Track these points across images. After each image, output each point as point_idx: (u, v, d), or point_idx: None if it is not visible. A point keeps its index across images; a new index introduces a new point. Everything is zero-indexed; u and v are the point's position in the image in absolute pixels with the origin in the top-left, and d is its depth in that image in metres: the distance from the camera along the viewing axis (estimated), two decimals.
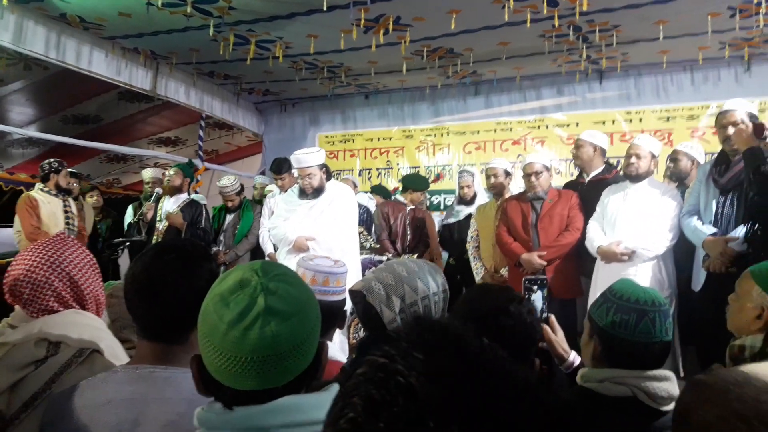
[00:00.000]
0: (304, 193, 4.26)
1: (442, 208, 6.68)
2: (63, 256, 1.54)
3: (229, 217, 5.82)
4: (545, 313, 1.90)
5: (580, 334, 1.64)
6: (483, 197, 5.18)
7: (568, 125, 6.43)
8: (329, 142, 7.45)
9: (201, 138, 6.97)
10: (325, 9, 4.12)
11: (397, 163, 7.13)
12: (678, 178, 4.31)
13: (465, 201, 5.23)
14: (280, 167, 5.40)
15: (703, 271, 3.35)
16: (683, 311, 3.70)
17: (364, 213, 5.80)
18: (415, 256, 4.82)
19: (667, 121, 6.07)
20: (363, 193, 6.26)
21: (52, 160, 5.30)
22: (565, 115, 6.46)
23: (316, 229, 4.15)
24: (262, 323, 0.89)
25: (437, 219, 5.86)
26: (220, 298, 0.92)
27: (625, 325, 1.46)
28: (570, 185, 4.62)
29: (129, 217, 5.85)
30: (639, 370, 1.43)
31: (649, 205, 3.79)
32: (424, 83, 6.60)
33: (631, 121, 6.20)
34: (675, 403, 0.95)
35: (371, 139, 7.28)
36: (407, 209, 5.33)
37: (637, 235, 3.76)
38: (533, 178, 4.17)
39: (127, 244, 5.05)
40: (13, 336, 1.43)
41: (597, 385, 1.44)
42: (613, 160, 5.41)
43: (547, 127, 6.54)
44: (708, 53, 5.43)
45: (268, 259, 5.31)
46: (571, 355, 1.81)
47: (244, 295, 0.91)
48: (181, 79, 6.14)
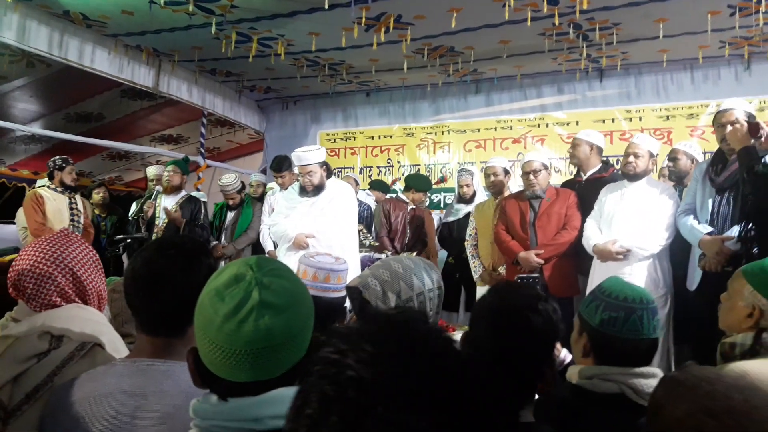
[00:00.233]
0: (304, 191, 4.29)
1: (442, 206, 6.70)
2: (66, 252, 1.56)
3: (230, 215, 5.85)
4: None
5: None
6: (482, 196, 5.20)
7: (568, 123, 6.44)
8: (330, 140, 7.47)
9: (203, 135, 7.00)
10: (326, 7, 4.14)
11: (397, 161, 7.15)
12: (677, 177, 4.32)
13: (464, 200, 5.24)
14: (280, 165, 5.42)
15: (699, 270, 3.35)
16: (679, 310, 3.72)
17: (366, 210, 5.83)
18: (414, 254, 4.84)
19: (667, 119, 6.08)
20: (361, 190, 6.29)
21: (57, 158, 5.33)
22: (565, 114, 6.47)
23: (316, 227, 4.18)
24: (256, 316, 0.91)
25: (437, 217, 5.89)
26: (216, 292, 0.95)
27: (613, 322, 1.48)
28: (567, 184, 4.65)
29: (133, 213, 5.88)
30: (627, 367, 1.45)
31: (645, 204, 3.80)
32: (425, 81, 6.62)
33: (630, 119, 6.21)
34: (649, 399, 0.98)
35: (372, 137, 7.30)
36: (408, 208, 5.36)
37: (633, 233, 3.77)
38: (532, 177, 4.18)
39: (128, 240, 5.07)
40: (17, 329, 1.46)
41: (585, 381, 1.47)
42: (613, 159, 5.43)
43: (547, 126, 6.55)
44: (708, 52, 5.44)
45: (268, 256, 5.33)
46: (563, 353, 1.83)
47: (239, 289, 0.93)
48: (184, 76, 6.16)
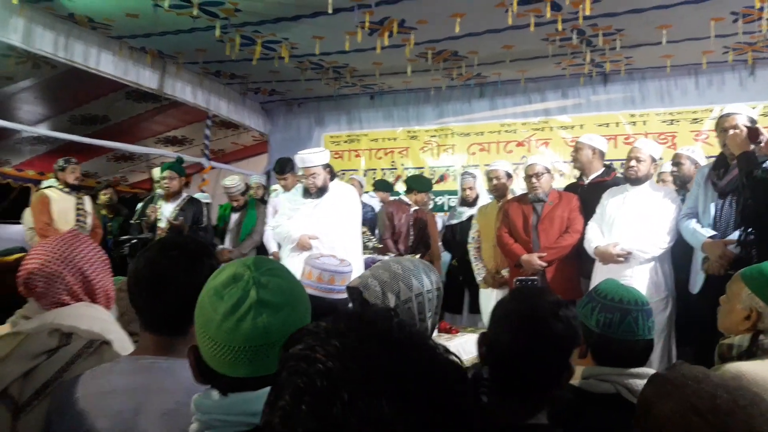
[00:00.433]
0: (308, 193, 4.32)
1: (446, 209, 6.71)
2: (75, 252, 1.60)
3: (234, 216, 5.87)
4: None
5: None
6: (485, 199, 5.21)
7: (572, 127, 6.45)
8: (334, 143, 7.49)
9: (207, 137, 7.04)
10: (330, 11, 4.18)
11: (401, 164, 7.17)
12: (681, 182, 4.33)
13: (467, 202, 5.26)
14: (283, 167, 5.46)
15: (702, 274, 3.36)
16: (681, 313, 3.73)
17: (369, 212, 5.84)
18: (417, 256, 4.86)
19: (671, 124, 6.09)
20: (365, 193, 6.31)
21: (60, 159, 5.39)
22: (569, 118, 6.49)
23: (320, 228, 4.20)
24: (254, 314, 0.94)
25: (441, 220, 5.90)
26: (215, 292, 0.97)
27: (609, 323, 1.51)
28: (570, 188, 4.67)
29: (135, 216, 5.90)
30: (622, 368, 1.48)
31: (647, 207, 3.82)
32: (429, 85, 6.64)
33: (635, 123, 6.22)
34: (638, 397, 1.00)
35: (376, 140, 7.32)
36: (411, 210, 5.38)
37: (634, 237, 3.79)
38: (534, 180, 4.21)
39: (134, 241, 5.10)
40: (27, 326, 1.49)
41: (582, 382, 1.49)
42: (617, 163, 5.43)
43: (551, 129, 6.56)
44: (712, 57, 5.45)
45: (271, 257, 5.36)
46: None
47: (238, 288, 0.96)
48: (188, 78, 6.20)
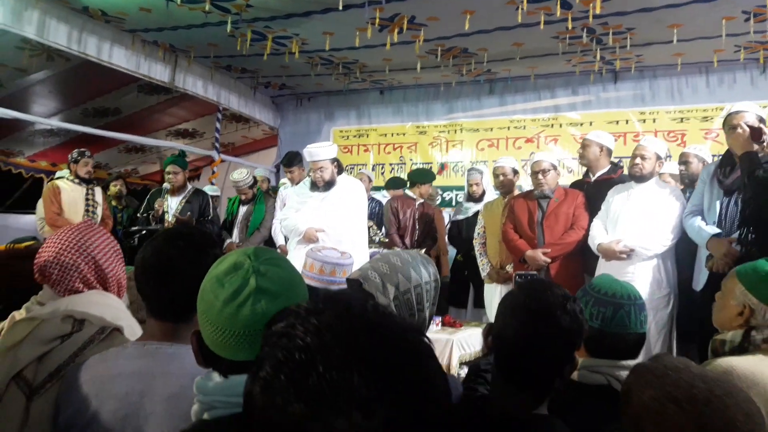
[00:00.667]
0: (315, 186, 4.36)
1: (453, 204, 6.73)
2: (89, 241, 1.65)
3: (242, 209, 5.91)
4: None
5: None
6: (492, 194, 5.23)
7: (581, 124, 6.45)
8: (344, 137, 7.53)
9: (218, 130, 7.10)
10: (340, 8, 4.21)
11: (410, 159, 7.18)
12: (690, 180, 4.33)
13: (474, 198, 5.29)
14: (290, 161, 5.54)
15: (705, 271, 3.37)
16: (684, 310, 3.74)
17: (377, 207, 5.88)
18: (422, 251, 4.89)
19: (681, 122, 6.07)
20: (375, 190, 6.36)
21: (74, 151, 5.47)
22: (579, 114, 6.49)
23: (326, 221, 4.24)
24: (253, 301, 0.98)
25: (447, 215, 5.93)
26: (216, 279, 1.02)
27: (602, 317, 1.55)
28: (576, 184, 4.68)
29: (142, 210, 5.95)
30: (614, 360, 1.51)
31: (651, 205, 3.83)
32: (439, 80, 6.66)
33: (644, 121, 6.21)
34: (622, 386, 1.03)
35: (385, 135, 7.35)
36: (416, 204, 5.42)
37: (638, 234, 3.81)
38: (540, 177, 4.22)
39: (144, 232, 5.18)
40: (42, 312, 1.54)
41: (576, 373, 1.52)
42: (626, 160, 5.43)
43: (560, 126, 6.57)
44: (723, 56, 5.43)
45: (278, 251, 5.41)
46: None
47: (238, 276, 1.00)
48: (199, 72, 6.26)
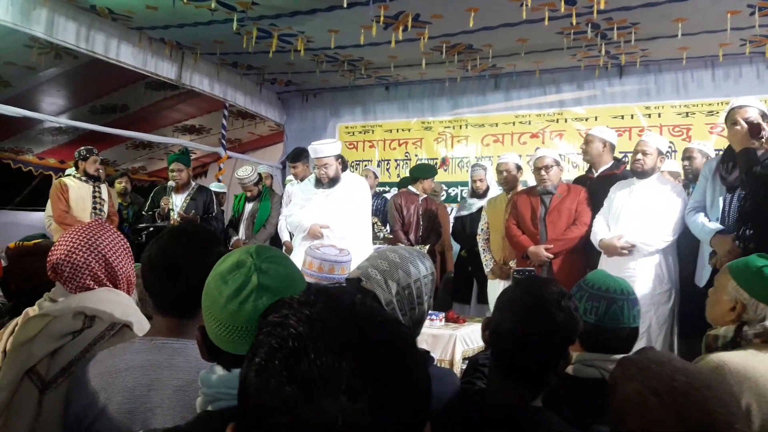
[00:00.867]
0: (320, 183, 4.40)
1: (458, 200, 6.76)
2: (100, 240, 1.71)
3: (248, 206, 5.95)
4: None
5: None
6: (496, 190, 5.26)
7: (587, 119, 6.45)
8: (349, 133, 7.56)
9: (224, 127, 7.14)
10: (345, 6, 4.23)
11: (415, 155, 7.21)
12: (694, 176, 4.34)
13: (477, 194, 5.32)
14: (295, 156, 5.61)
15: (708, 267, 3.37)
16: (687, 306, 3.75)
17: (382, 203, 5.92)
18: (426, 246, 4.93)
19: (686, 116, 6.07)
20: (381, 186, 6.40)
21: (82, 148, 5.48)
22: (584, 109, 6.48)
23: (331, 218, 4.28)
24: (255, 297, 1.03)
25: (452, 210, 5.96)
26: (220, 277, 1.07)
27: (595, 311, 1.59)
28: (579, 180, 4.70)
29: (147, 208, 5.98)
30: (607, 354, 1.54)
31: (653, 201, 3.85)
32: (444, 76, 6.67)
33: (650, 116, 6.21)
34: (608, 378, 1.07)
35: (390, 130, 7.37)
36: (420, 199, 5.45)
37: (640, 229, 3.82)
38: (543, 173, 4.24)
39: (151, 229, 5.22)
40: (54, 308, 1.60)
41: (570, 367, 1.56)
42: (631, 155, 5.44)
43: (566, 121, 6.57)
44: (729, 50, 5.41)
45: (283, 247, 5.46)
46: None
47: (240, 274, 1.05)
48: (206, 69, 6.30)
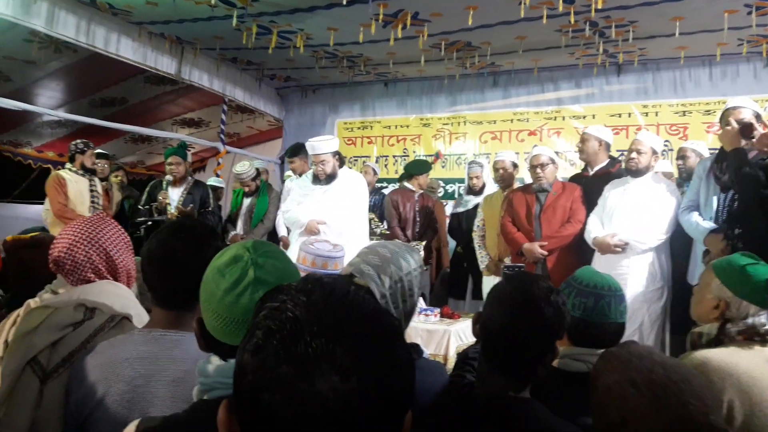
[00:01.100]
0: (317, 179, 4.43)
1: (455, 196, 6.79)
2: (101, 234, 1.74)
3: (246, 201, 5.97)
4: None
5: None
6: (492, 187, 5.27)
7: (584, 117, 6.46)
8: (348, 129, 7.59)
9: (223, 122, 7.16)
10: (344, 3, 4.26)
11: (413, 151, 7.23)
12: (688, 175, 4.38)
13: (474, 191, 5.35)
14: (293, 152, 5.67)
15: (701, 265, 3.40)
16: (678, 303, 3.80)
17: (380, 199, 5.95)
18: (423, 243, 4.97)
19: (683, 115, 6.09)
20: (383, 188, 6.44)
21: (78, 141, 5.47)
22: (582, 107, 6.50)
23: (328, 214, 4.32)
24: (251, 291, 1.06)
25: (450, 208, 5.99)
26: (218, 270, 1.10)
27: (583, 307, 1.63)
28: (574, 178, 4.73)
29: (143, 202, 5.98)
30: (594, 348, 1.58)
31: (647, 199, 3.89)
32: (443, 73, 6.68)
33: (647, 114, 6.23)
34: (591, 370, 1.11)
35: (389, 127, 7.39)
36: (416, 196, 5.48)
37: (633, 227, 3.87)
38: (539, 170, 4.28)
39: (149, 223, 5.24)
40: (56, 300, 1.64)
41: (558, 361, 1.61)
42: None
43: (563, 119, 6.58)
44: (726, 49, 5.43)
45: (280, 242, 5.48)
46: None
47: (237, 268, 1.09)
48: (205, 64, 6.31)
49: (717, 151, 3.56)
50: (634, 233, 3.86)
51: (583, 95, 6.48)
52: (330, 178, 4.39)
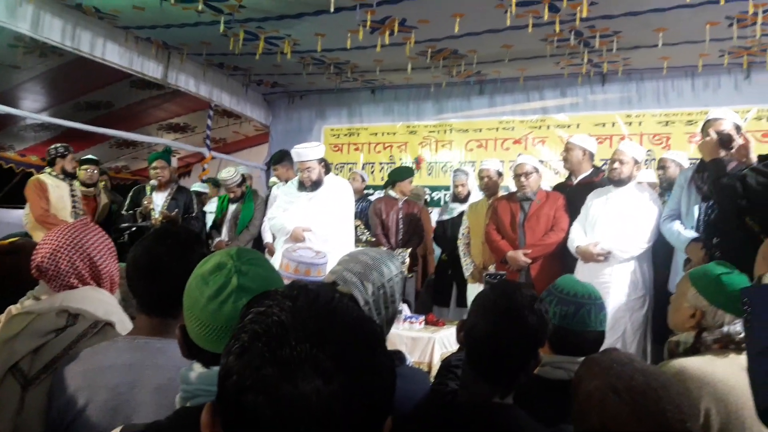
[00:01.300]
0: (303, 186, 4.44)
1: (441, 204, 6.82)
2: (84, 239, 1.74)
3: (231, 207, 5.93)
4: None
5: None
6: (477, 195, 5.30)
7: (569, 126, 6.53)
8: (335, 135, 7.60)
9: (209, 127, 7.14)
10: (332, 10, 4.27)
11: (400, 158, 7.25)
12: (668, 185, 4.44)
13: (459, 199, 5.37)
14: (277, 159, 5.66)
15: (682, 274, 3.43)
16: (660, 312, 3.84)
17: (366, 207, 5.96)
18: (408, 250, 4.99)
19: (666, 125, 6.17)
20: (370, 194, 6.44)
21: (58, 145, 5.36)
22: (566, 116, 6.57)
23: (314, 221, 4.32)
24: (235, 298, 1.07)
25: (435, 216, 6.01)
26: (201, 278, 1.11)
27: (564, 315, 1.66)
28: (558, 187, 4.78)
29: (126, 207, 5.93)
30: (575, 356, 1.60)
31: (629, 208, 3.94)
32: (429, 81, 6.71)
33: (630, 124, 6.30)
34: (573, 377, 1.13)
35: (376, 134, 7.42)
36: (400, 203, 5.49)
37: (615, 236, 3.91)
38: (523, 179, 4.31)
39: (134, 229, 5.20)
40: (38, 306, 1.63)
41: (539, 369, 1.62)
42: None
43: (548, 128, 6.65)
44: (708, 60, 5.51)
45: (265, 249, 5.47)
46: None
47: (221, 275, 1.09)
48: (192, 69, 6.29)
49: (698, 161, 3.62)
50: (617, 242, 3.90)
51: (568, 104, 6.55)
52: (316, 185, 4.39)
